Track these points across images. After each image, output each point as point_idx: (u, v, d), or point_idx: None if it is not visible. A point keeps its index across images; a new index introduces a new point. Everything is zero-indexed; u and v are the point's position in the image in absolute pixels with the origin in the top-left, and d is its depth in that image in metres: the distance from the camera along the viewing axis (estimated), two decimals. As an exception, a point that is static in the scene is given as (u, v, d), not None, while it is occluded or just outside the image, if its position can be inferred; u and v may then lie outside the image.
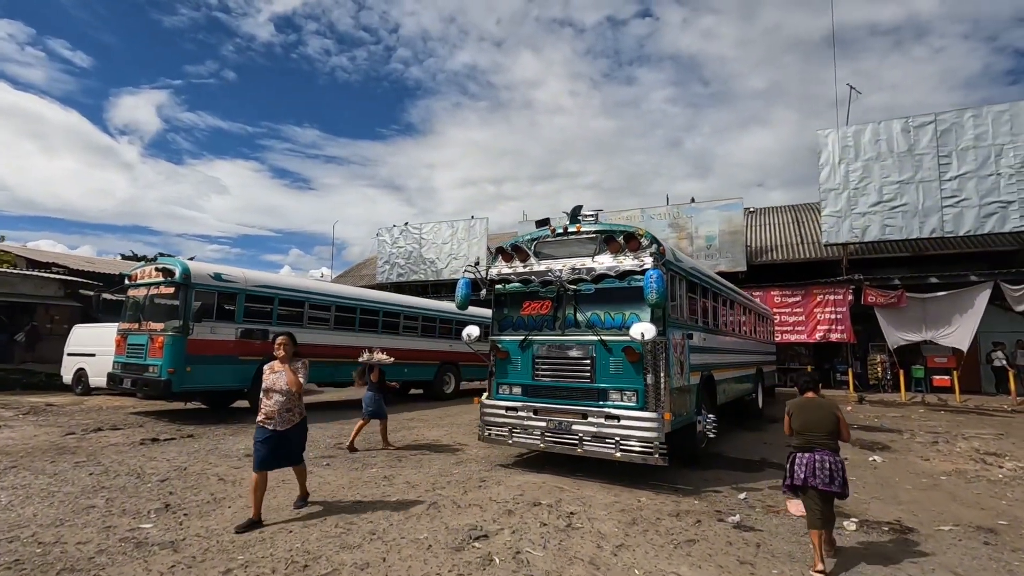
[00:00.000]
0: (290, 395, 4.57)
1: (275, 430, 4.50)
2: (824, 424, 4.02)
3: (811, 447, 3.99)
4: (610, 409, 5.89)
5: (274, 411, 4.52)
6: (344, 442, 8.15)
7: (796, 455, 4.07)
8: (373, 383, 7.86)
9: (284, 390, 4.56)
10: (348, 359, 12.10)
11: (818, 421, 4.05)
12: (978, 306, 14.78)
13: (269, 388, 4.58)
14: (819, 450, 3.96)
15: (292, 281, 11.74)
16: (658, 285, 5.50)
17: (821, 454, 3.93)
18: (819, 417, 4.06)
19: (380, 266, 26.77)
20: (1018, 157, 15.68)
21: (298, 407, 4.68)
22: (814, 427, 4.03)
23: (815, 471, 3.88)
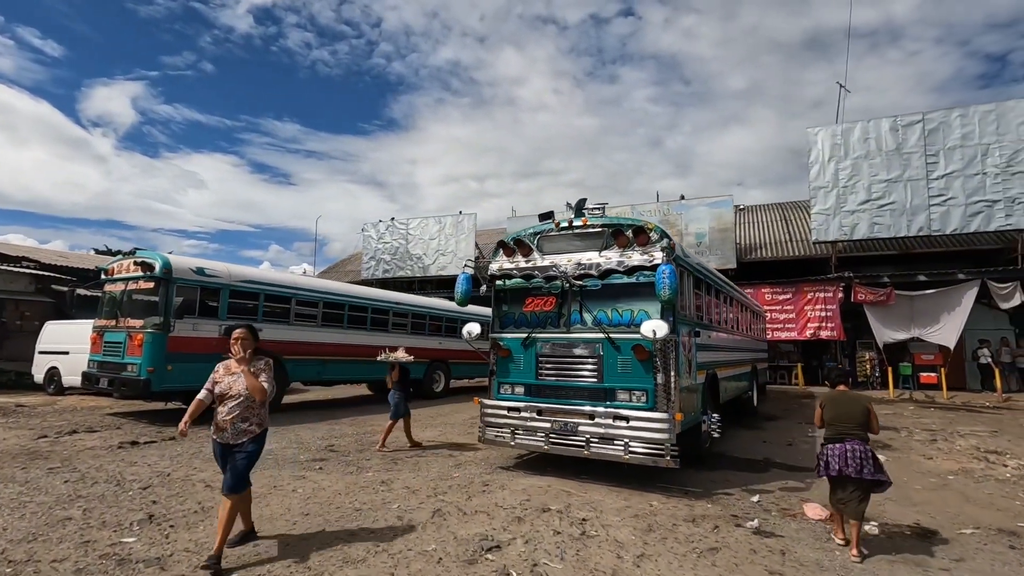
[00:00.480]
0: (249, 403, 3.75)
1: (224, 443, 3.77)
2: (856, 416, 4.21)
3: (842, 438, 4.18)
4: (618, 409, 5.68)
5: (227, 421, 3.71)
6: (335, 443, 7.84)
7: (828, 446, 4.25)
8: (395, 382, 7.74)
9: (242, 396, 3.72)
10: (336, 357, 11.78)
11: (850, 413, 4.23)
12: (965, 304, 14.93)
13: (224, 394, 3.75)
14: (850, 440, 4.14)
15: (278, 276, 11.34)
16: (671, 280, 5.29)
17: (852, 444, 4.12)
18: (851, 410, 4.25)
19: (365, 262, 26.28)
20: (1003, 157, 15.87)
21: (256, 417, 3.82)
22: (846, 419, 4.22)
23: (848, 460, 4.07)
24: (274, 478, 5.80)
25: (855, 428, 4.18)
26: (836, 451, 4.16)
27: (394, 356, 7.62)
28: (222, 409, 3.75)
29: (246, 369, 3.73)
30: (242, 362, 3.77)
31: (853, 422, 4.20)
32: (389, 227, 25.98)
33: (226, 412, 3.73)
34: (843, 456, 4.10)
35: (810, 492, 5.69)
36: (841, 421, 4.23)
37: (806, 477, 6.35)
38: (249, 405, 3.76)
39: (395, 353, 7.68)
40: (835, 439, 4.21)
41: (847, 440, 4.14)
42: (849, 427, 4.19)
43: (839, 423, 4.24)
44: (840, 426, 4.22)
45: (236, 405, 3.73)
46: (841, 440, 4.17)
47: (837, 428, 4.24)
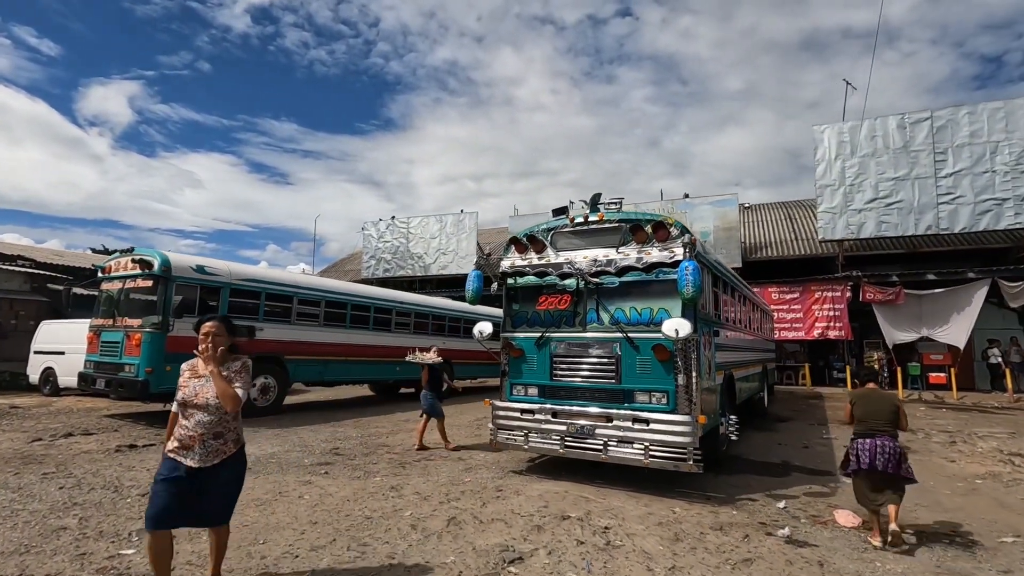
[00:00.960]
0: (220, 414, 2.98)
1: (190, 467, 2.88)
2: (885, 413, 4.38)
3: (872, 433, 4.33)
4: (638, 412, 5.46)
5: (194, 437, 2.92)
6: (340, 446, 7.61)
7: (858, 441, 4.40)
8: (426, 382, 7.74)
9: (212, 405, 2.95)
10: (338, 357, 11.54)
11: (880, 410, 4.40)
12: (975, 303, 14.76)
13: (187, 401, 2.98)
14: (880, 436, 4.30)
15: (280, 275, 11.09)
16: (694, 278, 5.08)
17: (882, 439, 4.28)
18: (881, 407, 4.42)
19: (365, 261, 26.03)
20: (1013, 154, 15.71)
21: (231, 433, 3.07)
22: (876, 415, 4.38)
23: (877, 455, 4.23)
24: (279, 483, 5.57)
25: (885, 425, 4.33)
26: (867, 446, 4.31)
27: (420, 358, 7.67)
28: (186, 423, 2.96)
29: (216, 370, 2.95)
30: (210, 361, 2.98)
31: (883, 419, 4.34)
32: (389, 226, 25.74)
33: (192, 425, 2.94)
34: (873, 451, 4.25)
35: (837, 497, 5.48)
36: (871, 418, 4.38)
37: (829, 481, 6.15)
38: (221, 417, 2.99)
39: (424, 354, 7.71)
40: (865, 435, 4.37)
41: (877, 436, 4.30)
42: (879, 423, 4.34)
43: (869, 419, 4.39)
44: (871, 422, 4.37)
45: (206, 417, 2.95)
46: (872, 436, 4.33)
47: (868, 424, 4.39)
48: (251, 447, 7.29)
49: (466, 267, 23.55)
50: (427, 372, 7.79)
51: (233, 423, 3.09)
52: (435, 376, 7.85)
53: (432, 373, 7.81)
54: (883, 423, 4.34)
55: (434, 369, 7.85)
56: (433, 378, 7.82)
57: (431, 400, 7.64)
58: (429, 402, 7.63)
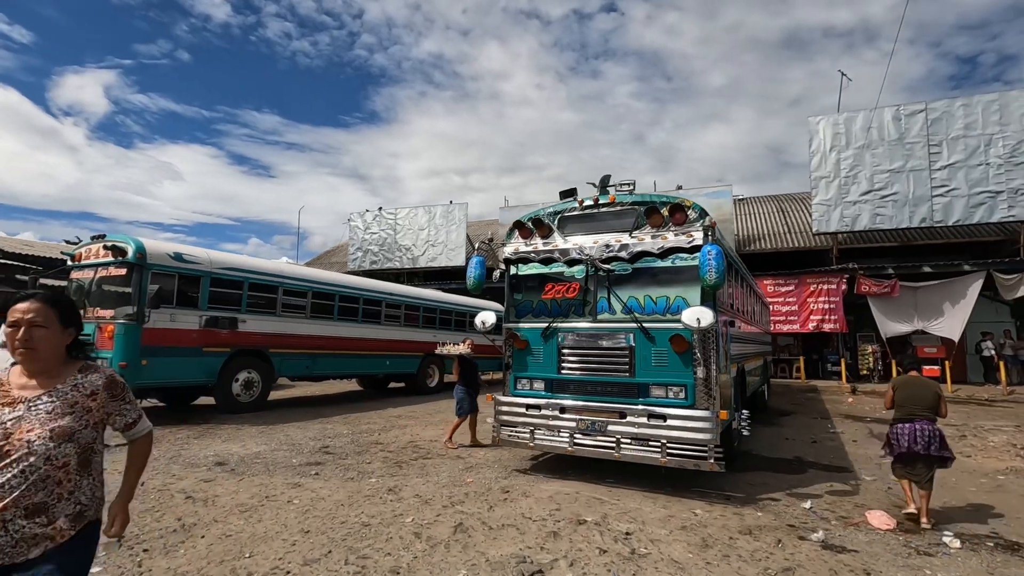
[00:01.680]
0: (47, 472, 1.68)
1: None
2: (926, 400, 4.56)
3: (912, 418, 4.54)
4: (654, 407, 5.10)
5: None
6: (330, 444, 7.16)
7: (897, 426, 4.61)
8: (459, 376, 7.33)
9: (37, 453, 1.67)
10: (325, 350, 11.06)
11: (921, 396, 4.58)
12: (970, 296, 14.71)
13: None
14: (919, 420, 4.50)
15: (264, 264, 10.55)
16: (717, 263, 4.73)
17: (921, 424, 4.48)
18: (923, 393, 4.60)
19: (352, 253, 25.40)
20: (1007, 147, 15.66)
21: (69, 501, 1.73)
22: (917, 401, 4.57)
23: (916, 438, 4.44)
24: (265, 486, 5.11)
25: (924, 410, 4.52)
26: (905, 430, 4.53)
27: (448, 349, 7.22)
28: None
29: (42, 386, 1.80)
30: (34, 372, 1.82)
31: (923, 404, 4.54)
32: (377, 217, 25.13)
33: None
34: (912, 434, 4.47)
35: (861, 496, 5.20)
36: (912, 403, 4.58)
37: (849, 479, 5.87)
38: (46, 476, 1.68)
39: (456, 347, 7.34)
40: (905, 419, 4.57)
41: (916, 420, 4.51)
42: (919, 408, 4.54)
43: (910, 404, 4.59)
44: (911, 407, 4.57)
45: (15, 476, 1.64)
46: (911, 420, 4.53)
47: (908, 409, 4.59)
48: (235, 446, 6.82)
49: (456, 259, 23.09)
50: (459, 365, 7.38)
51: (76, 481, 1.75)
52: (469, 369, 7.40)
53: (465, 366, 7.38)
54: (923, 408, 4.52)
55: (467, 362, 7.40)
56: (467, 372, 7.37)
57: (463, 395, 7.25)
58: (460, 396, 7.26)
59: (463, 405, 7.26)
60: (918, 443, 4.41)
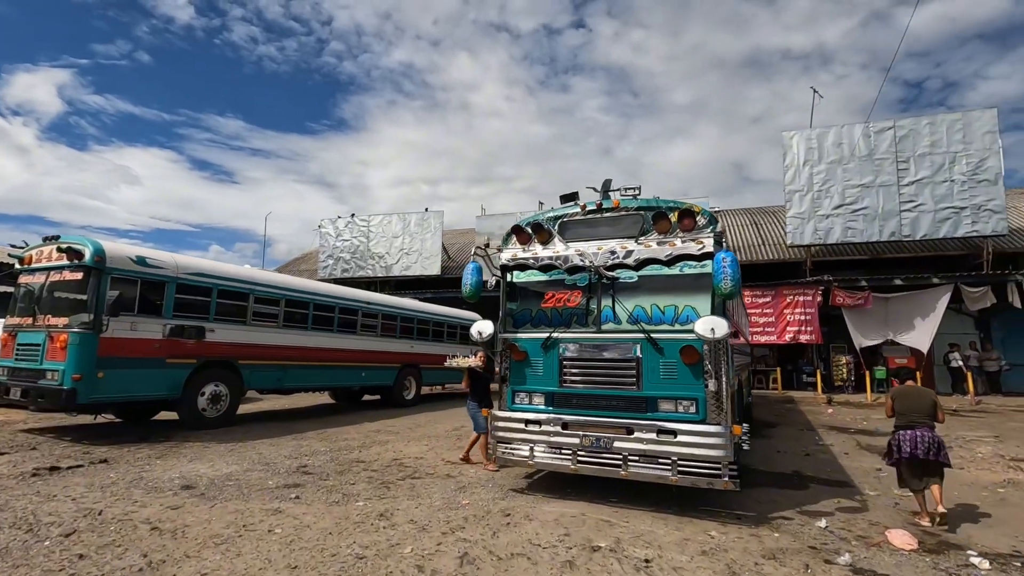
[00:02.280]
0: None
1: None
2: (924, 407, 4.81)
3: (912, 425, 4.77)
4: (664, 422, 4.84)
5: None
6: (308, 463, 6.66)
7: (899, 433, 4.83)
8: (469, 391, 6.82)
9: None
10: (298, 361, 10.50)
11: (919, 405, 4.83)
12: (939, 308, 15.10)
13: None
14: (919, 427, 4.73)
15: (234, 270, 9.94)
16: (733, 271, 4.53)
17: (922, 431, 4.71)
18: (920, 402, 4.85)
19: (322, 260, 24.64)
20: (970, 165, 16.24)
21: None
22: (916, 409, 4.82)
23: (918, 444, 4.66)
24: (241, 513, 4.62)
25: (924, 417, 4.76)
26: (907, 436, 4.74)
27: (458, 362, 6.69)
28: None
29: None
30: None
31: (922, 412, 4.78)
32: (349, 224, 24.47)
33: None
34: (914, 440, 4.68)
35: (872, 513, 5.04)
36: (911, 411, 4.82)
37: (853, 494, 5.73)
38: None
39: (466, 359, 6.91)
40: (906, 427, 4.80)
41: (917, 427, 4.74)
42: (918, 416, 4.78)
43: (910, 413, 4.82)
44: (911, 415, 4.80)
45: None
46: (912, 427, 4.76)
47: (908, 417, 4.82)
48: (203, 466, 6.26)
49: (431, 268, 22.64)
50: (469, 378, 6.85)
51: None
52: (480, 383, 6.86)
53: (476, 380, 6.85)
54: (922, 416, 4.76)
55: (478, 375, 6.87)
56: (478, 386, 6.83)
57: (476, 410, 6.74)
58: (474, 412, 6.77)
59: (479, 421, 6.70)
60: (919, 448, 4.65)
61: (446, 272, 23.01)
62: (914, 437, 4.70)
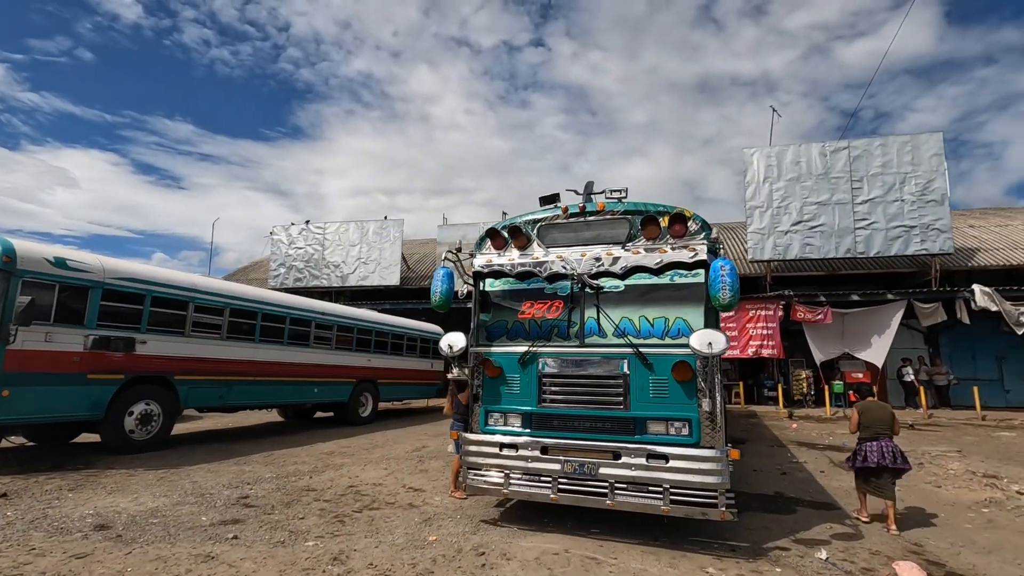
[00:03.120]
0: None
1: None
2: (885, 420, 5.19)
3: (877, 437, 5.14)
4: (654, 445, 4.41)
5: None
6: (250, 493, 5.89)
7: (865, 444, 5.19)
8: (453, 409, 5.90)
9: None
10: (244, 377, 9.61)
11: (881, 418, 5.20)
12: (893, 323, 15.46)
13: None
14: (883, 439, 5.11)
15: (172, 275, 9.00)
16: (732, 280, 4.18)
17: (885, 442, 5.10)
18: (881, 415, 5.22)
19: (273, 269, 23.39)
20: (919, 185, 16.85)
21: None
22: (878, 422, 5.18)
23: (883, 454, 5.02)
24: (165, 562, 3.88)
25: (885, 429, 5.15)
26: (873, 447, 5.10)
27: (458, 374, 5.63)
28: None
29: None
30: None
31: (884, 424, 5.16)
32: (303, 231, 23.37)
33: None
34: (879, 451, 5.05)
35: (868, 540, 4.74)
36: (875, 424, 5.19)
37: (843, 517, 5.45)
38: None
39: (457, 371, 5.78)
40: (872, 438, 5.16)
41: (881, 439, 5.12)
42: (881, 428, 5.15)
43: (874, 426, 5.19)
44: (875, 428, 5.17)
45: None
46: (876, 439, 5.13)
47: (873, 430, 5.18)
48: (125, 500, 5.41)
49: (390, 278, 21.81)
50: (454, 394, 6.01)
51: None
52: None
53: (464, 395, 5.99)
54: (884, 428, 5.15)
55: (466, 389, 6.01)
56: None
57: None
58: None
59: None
60: (886, 458, 5.00)
61: (405, 283, 22.24)
62: (880, 448, 5.07)
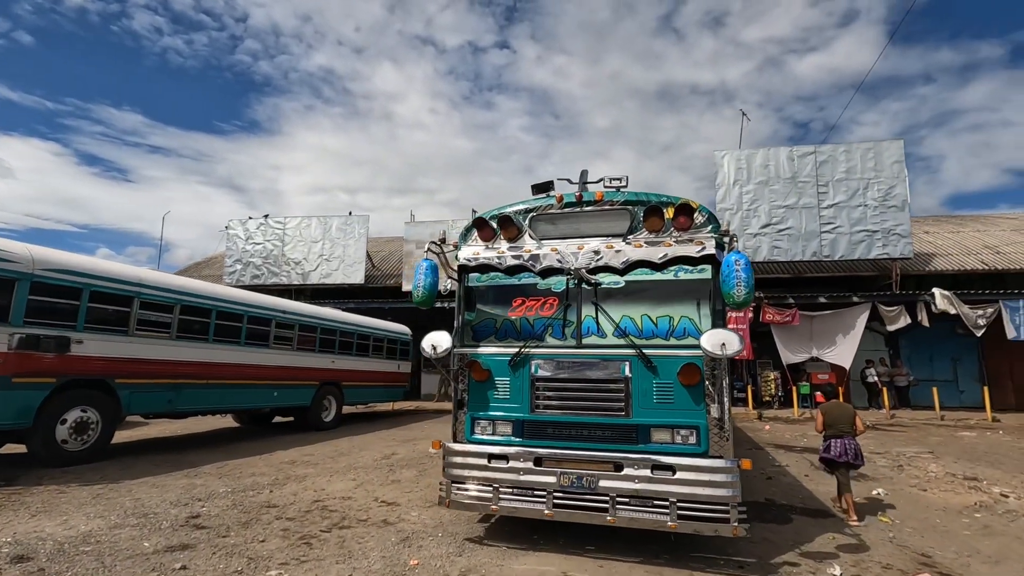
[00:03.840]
0: None
1: None
2: (847, 419, 5.59)
3: (840, 435, 5.55)
4: (659, 455, 4.05)
5: None
6: (202, 512, 5.24)
7: (830, 441, 5.61)
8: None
9: None
10: (195, 380, 8.85)
11: (843, 417, 5.61)
12: (859, 325, 15.76)
13: None
14: (846, 437, 5.53)
15: (115, 268, 8.14)
16: (747, 275, 3.86)
17: (847, 439, 5.52)
18: (843, 415, 5.63)
19: (229, 265, 22.19)
20: (880, 191, 17.28)
21: None
22: (841, 421, 5.59)
23: (845, 451, 5.46)
24: None
25: (847, 427, 5.57)
26: (837, 444, 5.55)
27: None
28: None
29: None
30: None
31: (846, 423, 5.58)
32: (261, 226, 22.26)
33: None
34: (841, 447, 5.51)
35: (876, 551, 4.51)
36: (838, 423, 5.61)
37: (840, 526, 5.23)
38: None
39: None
40: (835, 436, 5.59)
41: (844, 437, 5.55)
42: (843, 427, 5.58)
43: (837, 425, 5.61)
44: (838, 427, 5.60)
45: None
46: (840, 436, 5.56)
47: (836, 428, 5.61)
48: (52, 524, 4.69)
49: (354, 276, 20.99)
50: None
51: None
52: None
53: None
54: (846, 426, 5.57)
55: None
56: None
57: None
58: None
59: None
60: (847, 454, 5.46)
61: (371, 281, 21.47)
62: (842, 444, 5.51)
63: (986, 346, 17.38)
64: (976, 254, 18.80)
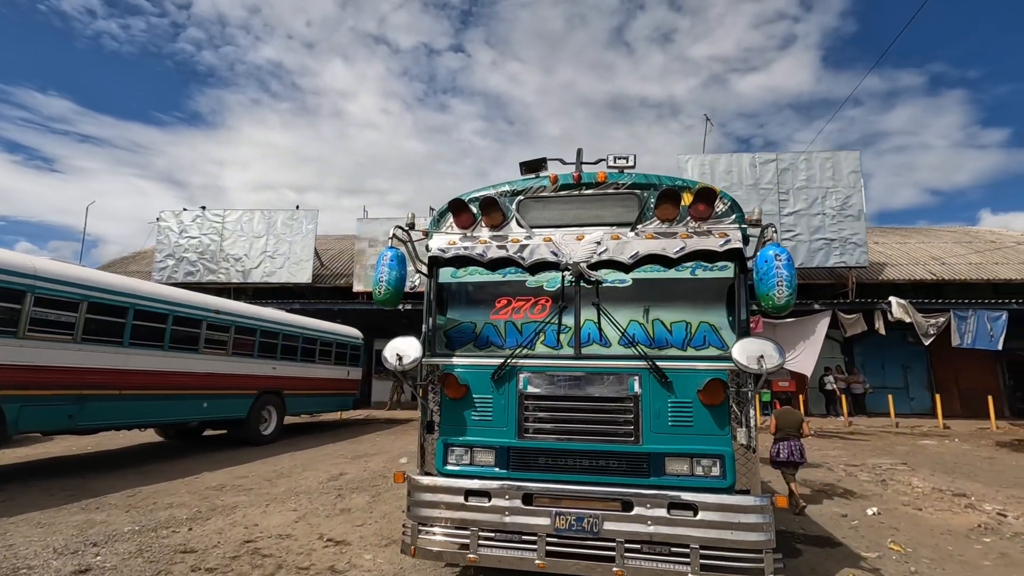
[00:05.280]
0: None
1: None
2: (795, 424, 6.24)
3: (788, 438, 6.20)
4: (677, 491, 3.32)
5: None
6: (94, 559, 4.13)
7: (779, 444, 6.23)
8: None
9: None
10: (104, 390, 7.55)
11: (792, 422, 6.26)
12: (819, 332, 15.75)
13: None
14: (792, 439, 6.19)
15: (5, 257, 6.77)
16: (789, 274, 3.22)
17: (793, 441, 6.18)
18: (792, 420, 6.29)
19: (160, 260, 20.25)
20: (838, 200, 17.52)
21: None
22: (789, 426, 6.24)
23: (792, 451, 6.14)
24: None
25: (794, 431, 6.20)
26: (784, 446, 6.16)
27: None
28: None
29: None
30: None
31: (794, 428, 6.21)
32: (198, 218, 20.47)
33: None
34: (788, 448, 6.13)
35: (907, 593, 3.95)
36: (787, 427, 6.23)
37: (849, 555, 4.70)
38: None
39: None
40: (783, 439, 6.20)
41: (790, 439, 6.16)
42: (791, 431, 6.20)
43: (785, 428, 6.23)
44: (786, 430, 6.22)
45: None
46: (787, 439, 6.17)
47: (784, 432, 6.22)
48: None
49: (300, 275, 19.55)
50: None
51: None
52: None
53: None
54: (793, 430, 6.20)
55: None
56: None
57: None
58: None
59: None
60: (794, 455, 6.11)
61: (319, 281, 20.10)
62: (789, 446, 6.13)
63: (933, 354, 17.86)
64: (924, 264, 19.39)
